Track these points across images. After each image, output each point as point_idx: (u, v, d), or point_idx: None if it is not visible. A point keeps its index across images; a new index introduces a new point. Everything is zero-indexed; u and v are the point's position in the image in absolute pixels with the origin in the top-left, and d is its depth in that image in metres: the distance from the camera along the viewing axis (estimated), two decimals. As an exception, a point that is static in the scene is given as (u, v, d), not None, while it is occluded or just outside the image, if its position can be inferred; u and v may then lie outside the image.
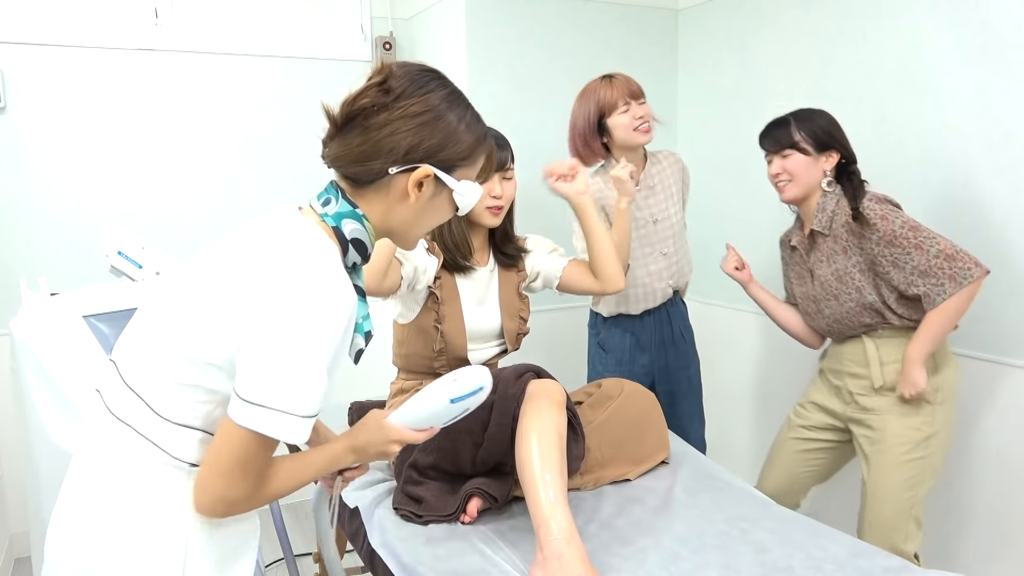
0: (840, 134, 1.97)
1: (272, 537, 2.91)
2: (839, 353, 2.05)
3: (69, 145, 2.75)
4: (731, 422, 3.04)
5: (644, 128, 2.17)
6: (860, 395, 1.98)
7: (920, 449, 1.91)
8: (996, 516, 2.17)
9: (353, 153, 1.08)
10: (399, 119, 1.06)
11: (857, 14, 2.39)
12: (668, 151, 2.38)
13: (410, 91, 1.07)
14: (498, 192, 1.83)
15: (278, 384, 0.99)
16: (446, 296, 1.84)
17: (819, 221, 1.96)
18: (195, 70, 2.88)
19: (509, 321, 1.94)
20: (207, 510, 1.06)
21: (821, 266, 1.99)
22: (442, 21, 2.89)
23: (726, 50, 2.89)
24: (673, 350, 2.39)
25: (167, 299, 1.10)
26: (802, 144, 1.94)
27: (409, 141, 1.07)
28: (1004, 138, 2.04)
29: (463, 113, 1.12)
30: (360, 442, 1.19)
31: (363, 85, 1.08)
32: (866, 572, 1.39)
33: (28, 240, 2.72)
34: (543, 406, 1.55)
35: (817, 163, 1.95)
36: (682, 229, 2.37)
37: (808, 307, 2.08)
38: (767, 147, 2.01)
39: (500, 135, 1.87)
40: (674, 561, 1.43)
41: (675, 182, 2.34)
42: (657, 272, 2.30)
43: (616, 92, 2.15)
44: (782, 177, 1.98)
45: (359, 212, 1.11)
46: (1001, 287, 2.08)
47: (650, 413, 1.87)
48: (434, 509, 1.62)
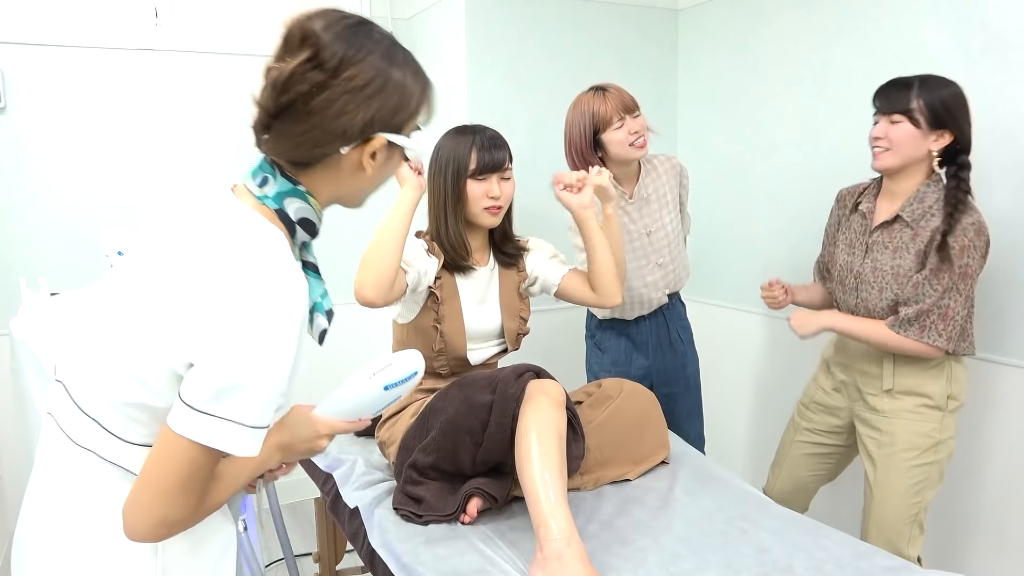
0: (963, 114, 1.80)
1: (272, 537, 2.91)
2: (851, 346, 1.98)
3: (69, 145, 2.75)
4: (731, 422, 3.04)
5: (639, 144, 2.15)
6: (870, 394, 1.93)
7: (929, 455, 1.87)
8: (996, 516, 2.17)
9: (296, 141, 0.97)
10: (344, 95, 0.93)
11: (857, 14, 2.39)
12: (665, 155, 2.35)
13: (348, 58, 0.93)
14: (496, 192, 1.83)
15: (231, 391, 0.89)
16: (446, 296, 1.85)
17: (912, 211, 1.83)
18: (195, 70, 2.88)
19: (509, 321, 1.94)
20: (146, 535, 0.93)
21: (885, 252, 1.87)
22: (442, 21, 2.89)
23: (726, 50, 2.89)
24: (671, 351, 2.38)
25: (107, 311, 1.00)
26: (916, 114, 1.77)
27: (361, 117, 0.95)
28: (1004, 138, 2.04)
29: (404, 65, 0.99)
30: (285, 439, 1.09)
31: (291, 64, 0.92)
32: (866, 572, 1.39)
33: (28, 240, 2.72)
34: (543, 406, 1.55)
35: (925, 139, 1.78)
36: (678, 236, 2.33)
37: (846, 279, 1.96)
38: (879, 106, 1.84)
39: (498, 135, 1.88)
40: (674, 561, 1.43)
41: (670, 188, 2.30)
42: (653, 283, 2.29)
43: (610, 107, 2.11)
44: (881, 143, 1.82)
45: (301, 189, 1.01)
46: (1001, 287, 2.08)
47: (650, 412, 1.87)
48: (434, 509, 1.62)
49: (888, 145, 1.81)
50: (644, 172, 2.28)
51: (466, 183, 1.82)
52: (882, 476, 1.90)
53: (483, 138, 1.84)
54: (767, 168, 2.76)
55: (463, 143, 1.84)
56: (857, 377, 1.97)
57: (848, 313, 1.96)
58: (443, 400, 1.68)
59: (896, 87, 1.82)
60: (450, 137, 1.88)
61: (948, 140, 1.79)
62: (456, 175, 1.83)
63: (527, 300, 2.00)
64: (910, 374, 1.88)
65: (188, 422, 0.90)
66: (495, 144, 1.84)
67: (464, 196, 1.83)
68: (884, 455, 1.90)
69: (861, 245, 1.94)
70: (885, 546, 1.88)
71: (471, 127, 1.89)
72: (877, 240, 1.90)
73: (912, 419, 1.88)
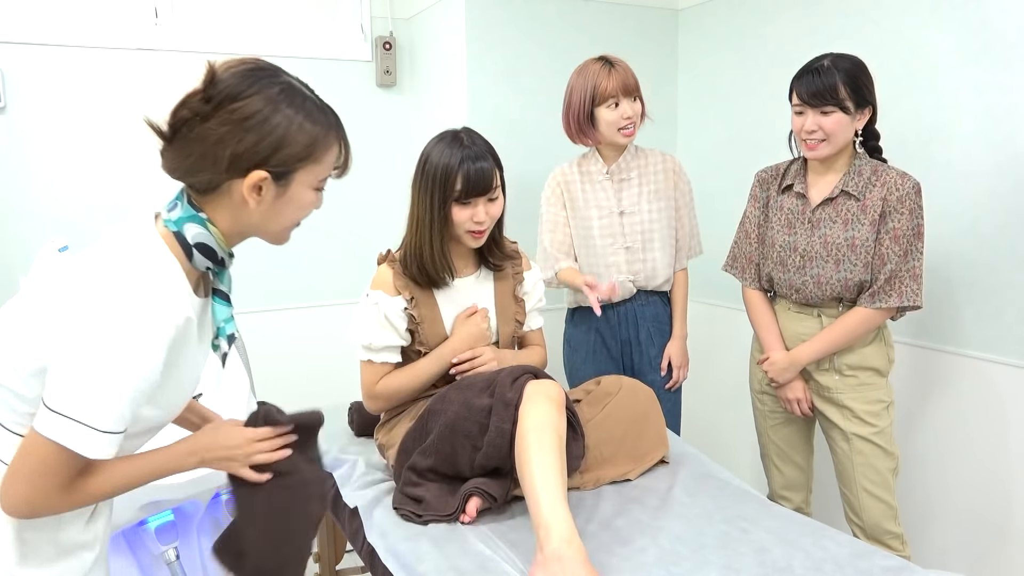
0: (872, 86, 1.88)
1: (272, 537, 2.91)
2: (789, 332, 2.06)
3: (69, 145, 2.75)
4: (731, 422, 3.04)
5: (627, 132, 2.17)
6: (817, 372, 2.02)
7: (884, 418, 1.98)
8: (997, 516, 2.17)
9: (184, 165, 1.07)
10: (223, 127, 1.03)
11: (857, 14, 2.39)
12: (669, 156, 2.34)
13: (233, 95, 1.04)
14: (481, 217, 1.75)
15: (78, 393, 0.97)
16: (424, 316, 1.82)
17: (856, 184, 1.89)
18: (195, 70, 2.88)
19: (504, 325, 1.92)
20: (11, 510, 1.04)
21: (835, 226, 1.93)
22: (442, 21, 2.89)
23: (726, 50, 2.89)
24: (639, 352, 2.34)
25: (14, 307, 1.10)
26: (846, 103, 1.82)
27: (232, 150, 1.03)
28: (1004, 138, 2.04)
29: (296, 111, 1.06)
30: (202, 443, 1.17)
31: (186, 93, 1.05)
32: (866, 572, 1.39)
33: (28, 240, 2.72)
34: (542, 407, 1.55)
35: (853, 122, 1.86)
36: (660, 230, 2.28)
37: (787, 258, 2.00)
38: (807, 100, 1.85)
39: (485, 155, 1.75)
40: (674, 561, 1.43)
41: (660, 182, 2.29)
42: (616, 264, 2.26)
43: (612, 84, 2.13)
44: (816, 135, 1.87)
45: (202, 216, 1.09)
46: (1001, 287, 2.08)
47: (649, 409, 1.87)
48: (434, 509, 1.62)
49: (823, 136, 1.87)
50: (630, 155, 2.29)
51: (451, 207, 1.74)
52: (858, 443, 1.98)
53: (470, 160, 1.72)
54: (767, 168, 2.76)
55: (449, 163, 1.72)
56: None
57: (784, 291, 2.04)
58: (441, 403, 1.68)
59: (819, 76, 1.85)
60: (438, 149, 1.76)
61: (868, 115, 1.88)
62: (442, 199, 1.73)
63: (523, 303, 1.96)
64: (850, 350, 1.97)
65: (44, 420, 0.99)
66: (482, 169, 1.72)
67: (449, 219, 1.75)
68: (851, 425, 1.99)
69: (803, 223, 1.99)
70: (877, 517, 1.99)
71: (459, 138, 1.76)
72: (822, 216, 1.95)
73: (863, 390, 1.98)
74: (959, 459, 2.24)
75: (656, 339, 2.35)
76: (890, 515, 2.01)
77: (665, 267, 2.32)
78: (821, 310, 2.00)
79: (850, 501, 2.05)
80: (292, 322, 3.17)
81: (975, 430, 2.19)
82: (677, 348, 2.36)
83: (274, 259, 3.11)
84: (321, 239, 3.15)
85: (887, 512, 2.00)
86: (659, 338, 2.36)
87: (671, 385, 2.36)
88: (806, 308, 2.03)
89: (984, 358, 2.14)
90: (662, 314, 2.37)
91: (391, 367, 1.82)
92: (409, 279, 1.81)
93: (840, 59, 1.86)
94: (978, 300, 2.14)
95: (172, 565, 1.75)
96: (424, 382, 1.82)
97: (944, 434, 2.27)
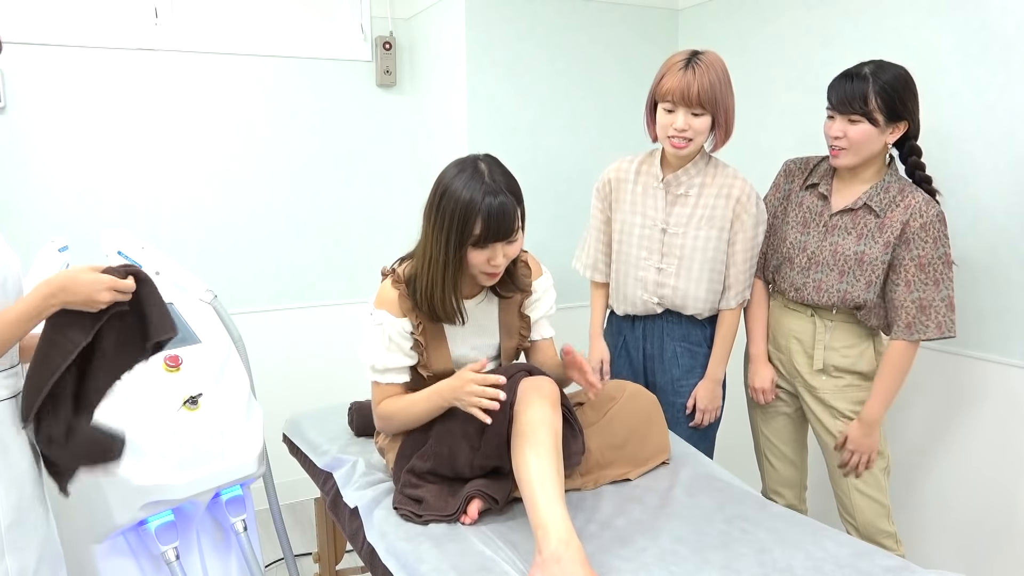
0: (914, 101, 1.81)
1: (272, 537, 2.91)
2: (783, 327, 2.07)
3: (69, 145, 2.75)
4: (731, 422, 3.04)
5: (676, 144, 1.94)
6: (806, 373, 2.04)
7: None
8: (997, 516, 2.17)
9: None
10: None
11: (857, 14, 2.39)
12: (741, 180, 2.04)
13: None
14: (498, 261, 1.62)
15: None
16: (430, 339, 1.75)
17: (880, 200, 1.86)
18: (195, 70, 2.88)
19: (508, 340, 1.85)
20: None
21: (848, 237, 1.90)
22: (442, 21, 2.89)
23: (726, 50, 2.89)
24: (662, 370, 2.17)
25: None
26: (875, 114, 1.77)
27: None
28: (1004, 138, 2.04)
29: None
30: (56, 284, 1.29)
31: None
32: (866, 572, 1.39)
33: (28, 240, 2.72)
34: (536, 404, 1.54)
35: (883, 135, 1.81)
36: (704, 261, 2.04)
37: (796, 257, 1.98)
38: (836, 105, 1.82)
39: (508, 199, 1.57)
40: (674, 561, 1.43)
41: (719, 208, 2.02)
42: (640, 281, 2.11)
43: (675, 85, 1.89)
44: (841, 142, 1.83)
45: None
46: (1001, 287, 2.08)
47: (651, 415, 1.86)
48: (434, 509, 1.62)
49: (847, 144, 1.84)
50: (695, 169, 2.04)
51: (467, 250, 1.60)
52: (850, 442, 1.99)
53: (492, 202, 1.55)
54: (767, 168, 2.76)
55: (470, 204, 1.55)
56: (794, 355, 2.07)
57: (785, 287, 2.03)
58: None
59: (851, 83, 1.81)
60: (457, 183, 1.58)
61: (903, 130, 1.84)
62: (458, 242, 1.58)
63: (527, 319, 1.85)
64: (841, 354, 1.99)
65: None
66: (504, 211, 1.56)
67: (464, 261, 1.62)
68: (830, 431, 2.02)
69: (818, 225, 1.97)
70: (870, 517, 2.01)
71: (480, 172, 1.58)
72: (838, 224, 1.94)
73: (848, 391, 2.00)
74: (959, 460, 2.24)
75: (682, 360, 2.14)
76: (883, 514, 2.01)
77: (696, 300, 2.08)
78: (816, 311, 2.01)
79: (843, 500, 2.06)
80: (292, 322, 3.17)
81: (976, 431, 2.19)
82: (706, 391, 2.14)
83: (274, 259, 3.12)
84: (321, 239, 3.15)
85: (880, 511, 2.01)
86: (687, 359, 2.14)
87: (694, 425, 2.18)
88: (801, 306, 2.04)
89: (984, 358, 2.14)
90: (694, 334, 2.13)
91: (399, 387, 1.75)
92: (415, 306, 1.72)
93: (883, 69, 1.79)
94: (978, 300, 2.14)
95: (172, 565, 1.75)
96: (417, 416, 1.71)
97: (944, 435, 2.27)
